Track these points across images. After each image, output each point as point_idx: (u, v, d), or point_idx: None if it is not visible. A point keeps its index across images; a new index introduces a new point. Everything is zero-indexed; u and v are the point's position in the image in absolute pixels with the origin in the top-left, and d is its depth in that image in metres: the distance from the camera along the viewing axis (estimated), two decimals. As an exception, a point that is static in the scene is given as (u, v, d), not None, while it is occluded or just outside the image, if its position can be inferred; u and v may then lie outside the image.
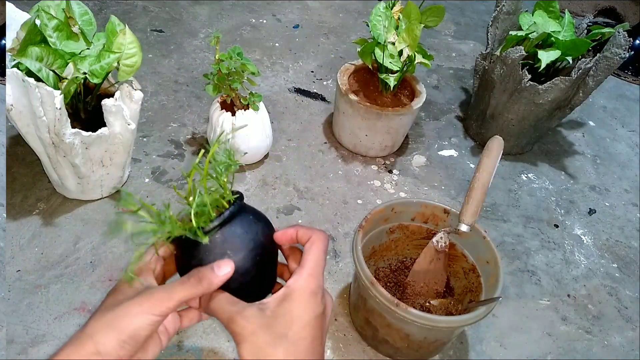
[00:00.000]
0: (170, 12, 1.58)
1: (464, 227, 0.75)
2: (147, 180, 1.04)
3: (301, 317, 0.44)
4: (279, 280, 0.52)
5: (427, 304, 0.84)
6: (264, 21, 1.64)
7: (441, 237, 0.81)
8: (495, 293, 0.72)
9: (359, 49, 1.13)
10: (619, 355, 0.91)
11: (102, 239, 0.92)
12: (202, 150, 0.49)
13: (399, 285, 0.87)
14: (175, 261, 0.50)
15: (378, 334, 0.78)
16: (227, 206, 0.48)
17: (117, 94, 0.85)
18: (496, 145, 0.77)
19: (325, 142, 1.23)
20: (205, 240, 0.44)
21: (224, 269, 0.44)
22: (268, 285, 0.51)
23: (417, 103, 1.13)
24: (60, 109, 0.77)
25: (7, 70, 0.78)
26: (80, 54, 0.83)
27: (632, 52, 1.73)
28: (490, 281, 0.78)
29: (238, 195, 0.49)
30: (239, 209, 0.48)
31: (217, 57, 0.98)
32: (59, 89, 0.78)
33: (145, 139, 1.13)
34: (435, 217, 0.86)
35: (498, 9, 1.23)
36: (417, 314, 0.67)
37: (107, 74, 0.87)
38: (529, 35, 1.14)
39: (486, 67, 1.22)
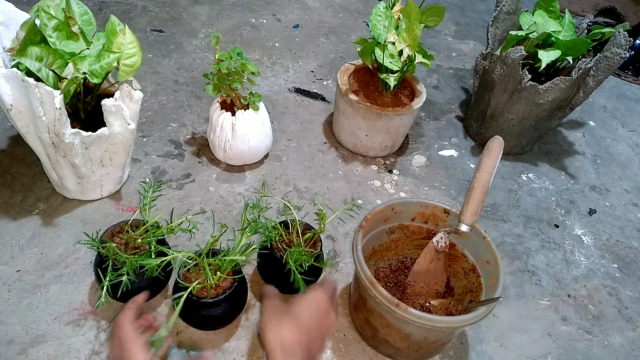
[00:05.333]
0: (170, 12, 1.58)
1: (464, 227, 0.75)
2: (147, 180, 1.04)
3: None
4: None
5: (427, 304, 0.84)
6: (264, 21, 1.64)
7: (441, 237, 0.81)
8: (495, 293, 0.72)
9: (359, 49, 1.13)
10: (619, 355, 0.91)
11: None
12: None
13: (399, 285, 0.87)
14: None
15: (378, 334, 0.78)
16: None
17: (117, 94, 0.85)
18: (496, 145, 0.77)
19: (325, 142, 1.23)
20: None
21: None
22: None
23: (417, 103, 1.13)
24: (60, 109, 0.77)
25: (6, 70, 0.78)
26: (80, 53, 0.83)
27: (633, 52, 1.73)
28: (490, 281, 0.78)
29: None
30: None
31: (217, 57, 0.98)
32: (58, 89, 0.78)
33: (145, 139, 1.13)
34: (435, 217, 0.86)
35: (498, 8, 1.23)
36: (417, 314, 0.67)
37: (107, 74, 0.87)
38: (529, 35, 1.14)
39: (486, 67, 1.22)
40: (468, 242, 0.83)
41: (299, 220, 0.84)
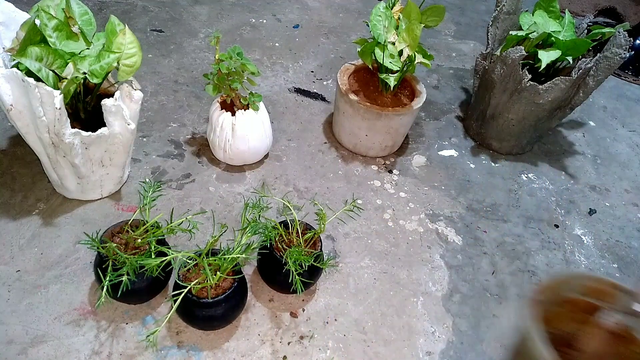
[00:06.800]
0: (170, 12, 1.58)
1: None
2: (147, 180, 1.04)
3: None
4: None
5: None
6: (264, 21, 1.64)
7: (612, 316, 0.71)
8: None
9: (359, 49, 1.13)
10: (619, 355, 0.91)
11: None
12: None
13: None
14: None
15: None
16: None
17: (117, 94, 0.85)
18: None
19: (325, 142, 1.23)
20: None
21: None
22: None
23: (417, 103, 1.13)
24: (60, 109, 0.77)
25: (6, 70, 0.78)
26: (80, 54, 0.83)
27: (633, 52, 1.73)
28: None
29: None
30: None
31: (217, 57, 0.98)
32: (58, 89, 0.78)
33: (145, 139, 1.13)
34: (600, 292, 0.75)
35: (498, 9, 1.23)
36: None
37: (107, 74, 0.87)
38: (529, 35, 1.14)
39: (486, 67, 1.22)
40: None
41: (299, 220, 0.84)
